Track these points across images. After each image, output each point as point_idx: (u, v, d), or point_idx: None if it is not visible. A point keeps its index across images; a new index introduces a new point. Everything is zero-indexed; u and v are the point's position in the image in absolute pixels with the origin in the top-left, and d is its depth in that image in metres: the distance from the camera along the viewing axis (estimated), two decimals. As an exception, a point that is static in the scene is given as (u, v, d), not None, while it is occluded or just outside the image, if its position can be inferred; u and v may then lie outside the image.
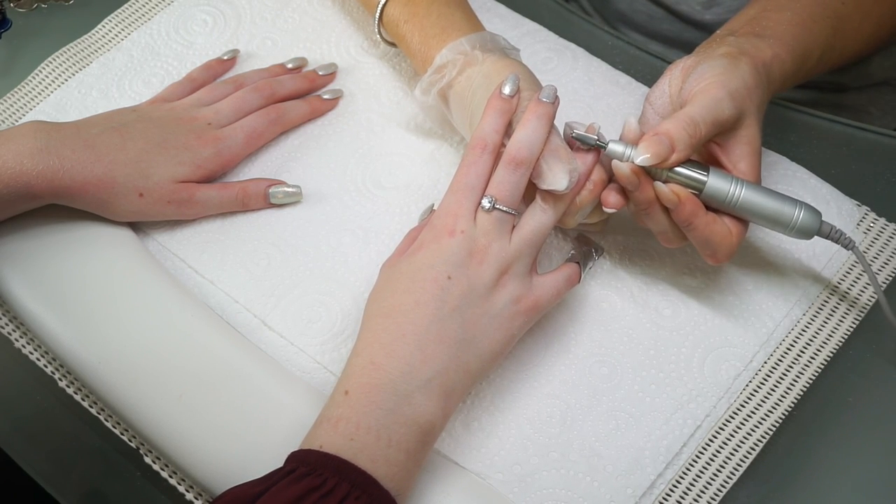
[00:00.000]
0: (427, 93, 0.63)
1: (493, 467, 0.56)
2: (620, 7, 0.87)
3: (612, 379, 0.59)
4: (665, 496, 0.55)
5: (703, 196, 0.54)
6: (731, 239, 0.55)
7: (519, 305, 0.54)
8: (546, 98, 0.55)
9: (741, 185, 0.54)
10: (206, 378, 0.56)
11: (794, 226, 0.55)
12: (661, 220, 0.56)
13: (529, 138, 0.54)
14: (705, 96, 0.54)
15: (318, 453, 0.48)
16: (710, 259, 0.56)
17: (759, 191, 0.55)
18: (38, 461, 0.60)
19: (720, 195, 0.54)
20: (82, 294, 0.60)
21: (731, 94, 0.54)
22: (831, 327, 0.61)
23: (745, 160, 0.56)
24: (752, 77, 0.56)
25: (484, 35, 0.62)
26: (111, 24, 0.76)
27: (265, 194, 0.65)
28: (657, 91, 0.59)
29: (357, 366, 0.51)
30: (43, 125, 0.60)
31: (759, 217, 0.55)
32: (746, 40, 0.58)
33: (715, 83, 0.54)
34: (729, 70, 0.55)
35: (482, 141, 0.55)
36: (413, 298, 0.52)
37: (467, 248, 0.53)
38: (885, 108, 0.87)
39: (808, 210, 0.55)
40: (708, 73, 0.55)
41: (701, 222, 0.54)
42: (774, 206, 0.55)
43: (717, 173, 0.54)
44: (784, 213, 0.55)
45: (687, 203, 0.54)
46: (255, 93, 0.68)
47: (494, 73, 0.59)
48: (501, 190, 0.54)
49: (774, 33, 0.59)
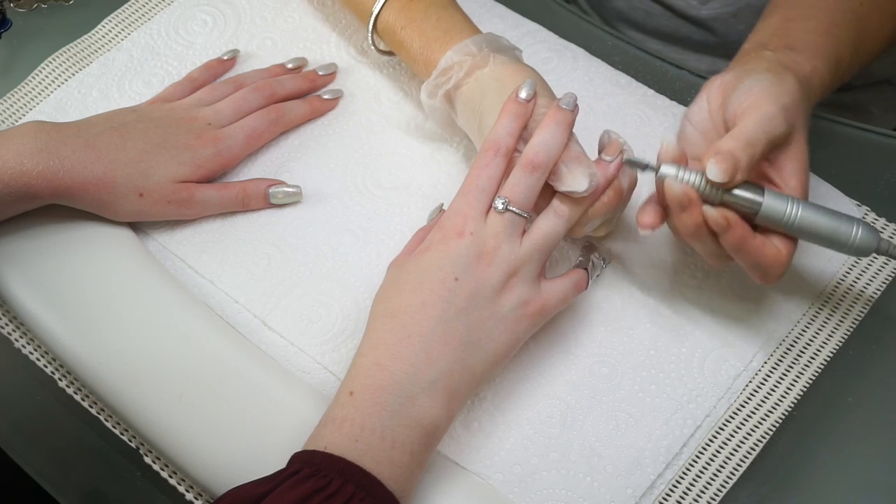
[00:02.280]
0: (433, 95, 0.62)
1: (493, 467, 0.56)
2: (618, 5, 0.87)
3: (612, 379, 0.59)
4: (665, 496, 0.55)
5: (758, 217, 0.53)
6: (781, 260, 0.53)
7: (526, 309, 0.54)
8: (566, 105, 0.55)
9: (798, 205, 0.53)
10: (206, 378, 0.56)
11: (852, 244, 0.53)
12: (708, 242, 0.54)
13: (548, 143, 0.54)
14: (757, 113, 0.53)
15: (322, 454, 0.48)
16: (760, 280, 0.55)
17: (816, 210, 0.53)
18: (38, 461, 0.60)
19: (777, 216, 0.53)
20: (82, 294, 0.60)
21: (783, 110, 0.53)
22: (831, 327, 0.61)
23: (795, 177, 0.54)
24: (798, 91, 0.55)
25: (489, 36, 0.62)
26: (111, 24, 0.76)
27: (265, 194, 0.65)
28: (695, 108, 0.57)
29: (362, 367, 0.51)
30: (43, 125, 0.60)
31: (816, 237, 0.53)
32: (784, 55, 0.57)
33: (765, 99, 0.53)
34: (777, 85, 0.54)
35: (496, 144, 0.55)
36: (419, 299, 0.52)
37: (476, 250, 0.53)
38: (886, 107, 0.87)
39: (866, 228, 0.53)
40: (756, 87, 0.54)
41: (751, 247, 0.53)
42: (832, 226, 0.53)
43: (773, 193, 0.53)
44: (842, 233, 0.53)
45: (736, 228, 0.52)
46: (256, 93, 0.68)
47: (507, 77, 0.59)
48: (516, 192, 0.54)
49: (807, 45, 0.58)
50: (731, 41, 0.62)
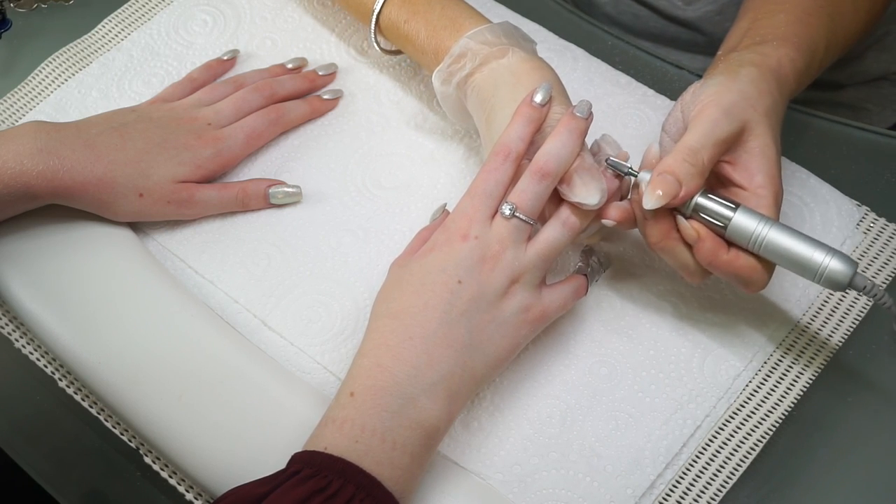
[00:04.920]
0: (447, 83, 0.61)
1: (493, 467, 0.56)
2: (606, 10, 0.87)
3: (612, 379, 0.59)
4: (665, 496, 0.55)
5: (727, 233, 0.52)
6: (758, 272, 0.53)
7: (526, 315, 0.54)
8: (580, 113, 0.55)
9: (768, 227, 0.51)
10: (206, 378, 0.56)
11: (821, 275, 0.51)
12: (679, 254, 0.54)
13: (559, 151, 0.53)
14: (699, 120, 0.53)
15: (323, 455, 0.48)
16: (745, 290, 0.54)
17: (788, 233, 0.51)
18: (38, 461, 0.60)
19: (744, 235, 0.51)
20: (82, 294, 0.60)
21: (725, 111, 0.53)
22: (831, 327, 0.61)
23: (761, 172, 0.53)
24: (752, 85, 0.54)
25: (506, 26, 0.60)
26: (111, 25, 0.76)
27: (265, 194, 0.65)
28: (671, 119, 0.57)
29: (363, 367, 0.51)
30: (43, 125, 0.60)
31: (783, 261, 0.52)
32: (749, 51, 0.57)
33: (708, 104, 0.53)
34: (723, 85, 0.54)
35: (506, 148, 0.54)
36: (422, 301, 0.52)
37: (480, 253, 0.53)
38: (884, 104, 0.87)
39: (841, 261, 0.50)
40: (702, 94, 0.54)
41: (722, 261, 0.52)
42: (802, 253, 0.51)
43: (746, 212, 0.52)
44: (812, 262, 0.51)
45: (706, 241, 0.52)
46: (256, 93, 0.68)
47: (523, 74, 0.58)
48: (523, 199, 0.53)
49: (776, 36, 0.58)
50: (718, 39, 0.62)
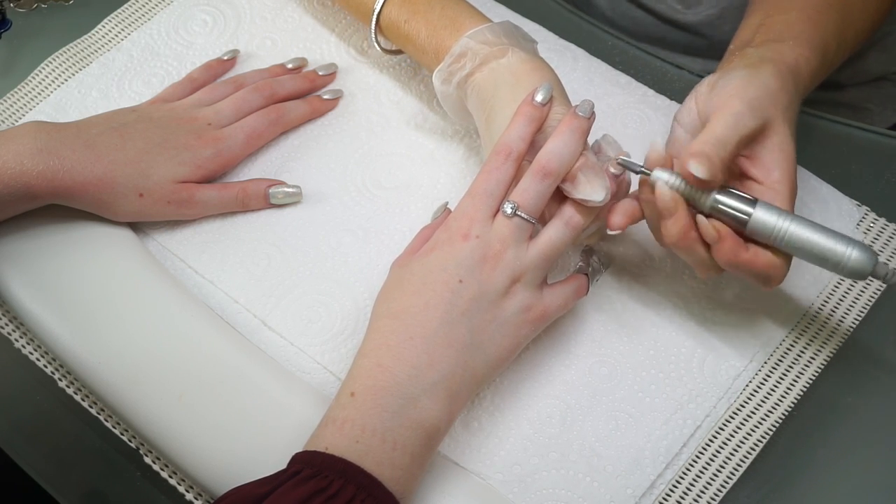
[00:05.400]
0: (448, 82, 0.61)
1: (493, 467, 0.56)
2: (606, 14, 0.87)
3: (612, 379, 0.59)
4: (665, 496, 0.55)
5: (747, 229, 0.52)
6: (778, 268, 0.53)
7: (527, 315, 0.54)
8: (583, 112, 0.54)
9: (789, 220, 0.51)
10: (206, 378, 0.56)
11: (844, 266, 0.51)
12: (696, 252, 0.53)
13: (561, 151, 0.53)
14: (724, 112, 0.53)
15: (323, 455, 0.48)
16: (763, 287, 0.54)
17: (810, 227, 0.51)
18: (38, 461, 0.60)
19: (765, 230, 0.51)
20: (82, 294, 0.60)
21: (749, 105, 0.53)
22: (832, 327, 0.61)
23: (778, 168, 0.53)
24: (774, 81, 0.54)
25: (506, 25, 0.60)
26: (111, 25, 0.76)
27: (265, 194, 0.65)
28: (685, 109, 0.57)
29: (363, 367, 0.51)
30: (43, 125, 0.60)
31: (807, 255, 0.52)
32: (767, 48, 0.57)
33: (733, 96, 0.53)
34: (747, 80, 0.54)
35: (507, 147, 0.54)
36: (423, 300, 0.52)
37: (481, 252, 0.53)
38: (885, 104, 0.87)
39: (862, 251, 0.51)
40: (727, 86, 0.54)
41: (743, 259, 0.52)
42: (825, 245, 0.51)
43: (765, 206, 0.52)
44: (835, 253, 0.51)
45: (727, 240, 0.52)
46: (256, 93, 0.68)
47: (524, 74, 0.58)
48: (525, 198, 0.53)
49: (790, 35, 0.58)
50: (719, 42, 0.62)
